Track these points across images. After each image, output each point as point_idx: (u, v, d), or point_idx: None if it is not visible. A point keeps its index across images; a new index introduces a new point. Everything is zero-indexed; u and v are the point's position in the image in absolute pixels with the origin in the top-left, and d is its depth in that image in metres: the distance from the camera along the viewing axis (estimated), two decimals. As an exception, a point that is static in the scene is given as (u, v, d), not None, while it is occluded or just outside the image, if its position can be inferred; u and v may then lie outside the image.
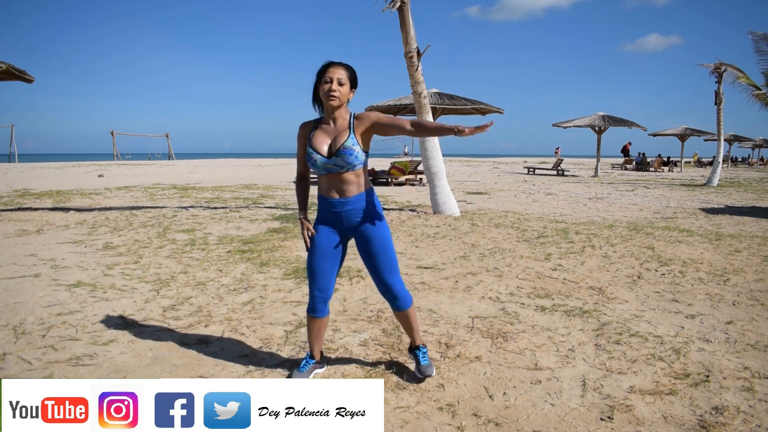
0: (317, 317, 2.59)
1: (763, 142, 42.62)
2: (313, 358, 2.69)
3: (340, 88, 2.38)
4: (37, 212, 8.54)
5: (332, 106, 2.41)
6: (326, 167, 2.43)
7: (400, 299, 2.57)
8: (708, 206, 11.04)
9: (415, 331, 2.70)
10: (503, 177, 21.26)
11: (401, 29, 8.16)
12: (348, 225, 2.50)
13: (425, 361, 2.67)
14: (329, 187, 2.48)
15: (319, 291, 2.54)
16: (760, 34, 14.72)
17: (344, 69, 2.41)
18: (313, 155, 2.42)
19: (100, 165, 27.08)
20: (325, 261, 2.51)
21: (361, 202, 2.48)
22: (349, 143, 2.39)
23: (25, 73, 8.42)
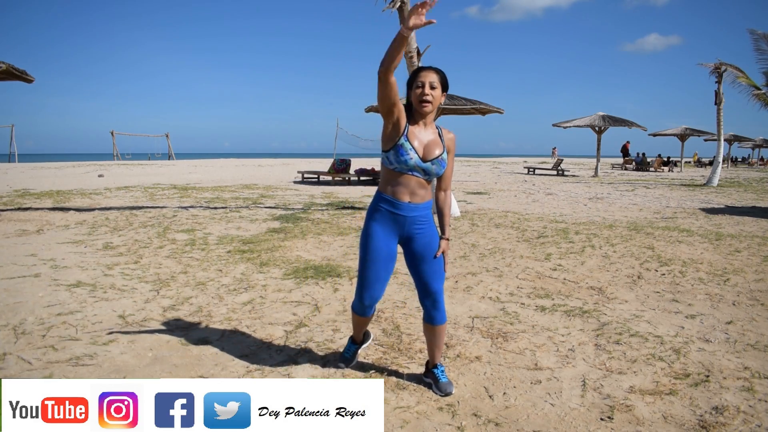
0: (366, 317, 2.68)
1: (763, 142, 42.61)
2: (356, 344, 2.84)
3: (433, 91, 2.35)
4: (37, 212, 8.54)
5: (426, 111, 2.37)
6: (415, 169, 2.37)
7: (441, 311, 2.54)
8: (708, 206, 11.04)
9: (439, 349, 2.63)
10: (503, 177, 21.26)
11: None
12: (408, 231, 2.46)
13: (444, 378, 2.60)
14: (403, 189, 2.40)
15: (371, 298, 2.52)
16: (760, 33, 14.70)
17: (435, 73, 2.38)
18: (410, 152, 2.34)
19: (100, 165, 27.08)
20: (386, 268, 2.49)
21: (427, 209, 2.48)
22: (444, 156, 2.40)
23: (25, 73, 8.42)
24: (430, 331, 2.58)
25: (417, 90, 2.36)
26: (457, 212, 8.67)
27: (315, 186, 15.35)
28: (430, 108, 2.37)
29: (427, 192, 2.46)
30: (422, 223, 2.46)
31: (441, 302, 2.52)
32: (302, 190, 13.57)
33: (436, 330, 2.56)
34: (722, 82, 17.17)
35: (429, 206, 2.49)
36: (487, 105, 16.59)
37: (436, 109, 2.42)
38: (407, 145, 2.34)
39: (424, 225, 2.47)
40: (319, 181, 16.96)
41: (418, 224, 2.45)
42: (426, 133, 2.41)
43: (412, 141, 2.35)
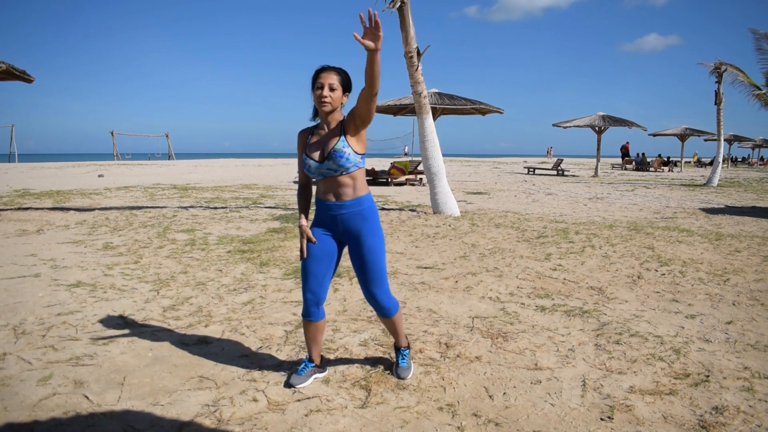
0: (312, 321, 2.56)
1: (763, 142, 42.61)
2: (312, 362, 2.66)
3: (332, 93, 2.38)
4: (37, 212, 8.53)
5: (324, 112, 2.41)
6: (321, 172, 2.42)
7: (385, 308, 2.58)
8: (708, 206, 11.04)
9: (398, 335, 2.73)
10: (503, 177, 21.25)
11: (401, 29, 8.16)
12: (343, 229, 2.49)
13: (404, 363, 2.70)
14: (326, 191, 2.47)
15: (311, 294, 2.51)
16: (761, 33, 14.68)
17: (336, 73, 2.39)
18: (307, 161, 2.44)
19: (100, 165, 27.08)
20: (318, 264, 2.49)
21: (358, 206, 2.46)
22: (339, 146, 2.37)
23: (25, 73, 8.42)
24: (384, 322, 2.70)
25: (317, 91, 2.38)
26: (457, 212, 8.67)
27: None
28: (329, 108, 2.39)
29: (351, 188, 2.44)
30: (355, 221, 2.45)
31: (383, 301, 2.55)
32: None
33: (387, 322, 2.67)
34: (722, 82, 17.17)
35: (358, 203, 2.45)
36: (487, 105, 16.60)
37: (338, 109, 2.43)
38: (305, 156, 2.45)
39: (357, 223, 2.45)
40: (319, 181, 16.92)
41: (349, 222, 2.46)
42: (328, 133, 2.43)
43: (309, 150, 2.44)
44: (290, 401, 2.44)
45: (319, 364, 2.69)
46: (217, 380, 2.64)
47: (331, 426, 2.24)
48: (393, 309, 2.60)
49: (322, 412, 2.34)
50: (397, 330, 2.71)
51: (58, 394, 2.46)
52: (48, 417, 2.26)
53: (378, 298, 2.53)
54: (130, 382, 2.61)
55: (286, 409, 2.37)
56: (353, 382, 2.63)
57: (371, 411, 2.36)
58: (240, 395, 2.49)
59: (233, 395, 2.48)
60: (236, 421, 2.27)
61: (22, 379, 2.60)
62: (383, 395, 2.50)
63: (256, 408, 2.38)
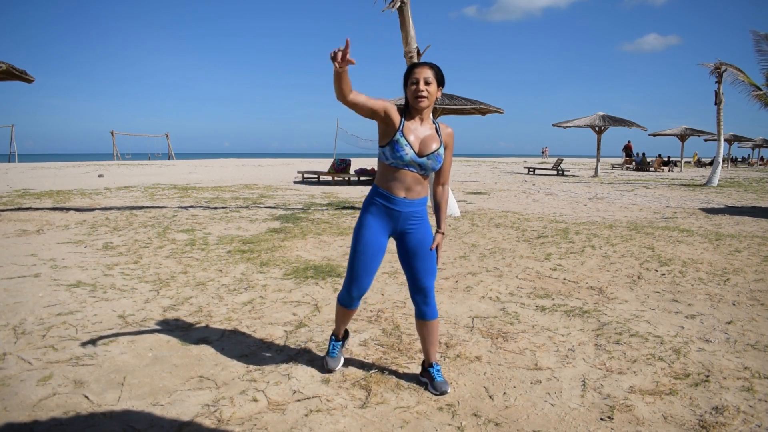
0: (351, 309, 2.67)
1: (763, 142, 42.60)
2: (339, 340, 2.82)
3: (428, 87, 2.36)
4: (37, 212, 8.53)
5: (421, 107, 2.38)
6: (411, 164, 2.38)
7: (432, 306, 2.55)
8: (708, 206, 11.04)
9: (434, 347, 2.62)
10: (503, 177, 21.26)
11: (401, 29, 8.16)
12: (402, 226, 2.47)
13: (440, 377, 2.59)
14: (399, 185, 2.41)
15: (358, 290, 2.54)
16: (762, 34, 14.73)
17: (430, 68, 2.39)
18: (405, 147, 2.34)
19: (100, 165, 27.08)
20: (374, 261, 2.50)
21: (422, 206, 2.48)
22: (441, 151, 2.41)
23: (25, 73, 8.42)
24: (423, 327, 2.58)
25: (412, 87, 2.37)
26: (457, 212, 8.67)
27: (315, 186, 15.35)
28: (426, 103, 2.38)
29: (423, 188, 2.46)
30: (416, 219, 2.47)
31: (432, 297, 2.54)
32: (302, 190, 13.57)
33: (429, 325, 2.57)
34: (722, 82, 17.17)
35: (424, 202, 2.49)
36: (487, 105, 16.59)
37: (432, 105, 2.43)
38: (403, 141, 2.35)
39: (418, 221, 2.48)
40: (319, 181, 16.96)
41: (412, 220, 2.46)
42: (422, 128, 2.42)
43: (407, 136, 2.36)
44: (290, 401, 2.44)
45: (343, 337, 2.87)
46: (217, 380, 2.64)
47: (331, 426, 2.24)
48: (436, 310, 2.59)
49: (322, 412, 2.34)
50: (434, 339, 2.60)
51: (58, 394, 2.46)
52: (48, 417, 2.26)
53: (431, 291, 2.53)
54: (130, 382, 2.61)
55: (286, 409, 2.37)
56: (353, 382, 2.63)
57: (371, 411, 2.36)
58: (240, 395, 2.49)
59: (233, 395, 2.48)
60: (236, 421, 2.27)
61: (22, 379, 2.60)
62: (383, 395, 2.50)
63: (256, 408, 2.38)
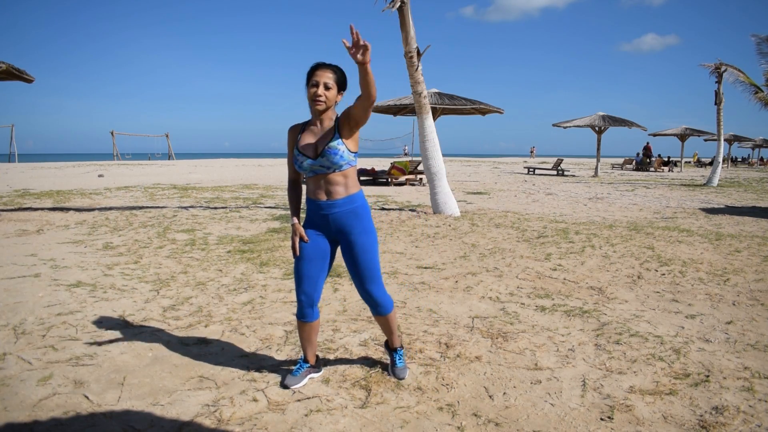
0: (306, 322, 2.56)
1: (763, 142, 42.61)
2: (307, 362, 2.65)
3: (327, 92, 2.35)
4: (37, 212, 8.53)
5: (318, 110, 2.39)
6: (313, 169, 2.40)
7: (381, 306, 2.57)
8: (708, 206, 11.04)
9: (393, 335, 2.71)
10: (503, 177, 21.25)
11: (401, 29, 8.16)
12: (335, 228, 2.47)
13: (401, 363, 2.68)
14: (316, 189, 2.44)
15: (305, 295, 2.51)
16: (762, 37, 14.82)
17: (332, 71, 2.37)
18: (299, 157, 2.41)
19: (100, 165, 27.08)
20: (311, 265, 2.48)
21: (349, 204, 2.44)
22: (333, 143, 2.36)
23: (24, 72, 8.42)
24: (378, 321, 2.68)
25: (311, 89, 2.35)
26: (457, 212, 8.67)
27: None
28: (322, 107, 2.38)
29: (343, 187, 2.42)
30: (346, 219, 2.43)
31: (378, 297, 2.54)
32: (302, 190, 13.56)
33: (382, 320, 2.65)
34: (722, 82, 17.18)
35: (351, 201, 2.43)
36: (487, 105, 16.59)
37: (332, 108, 2.42)
38: (296, 153, 2.42)
39: (349, 221, 2.44)
40: (319, 181, 16.93)
41: (342, 220, 2.44)
42: (321, 130, 2.42)
43: (302, 147, 2.40)
44: (290, 401, 2.44)
45: (315, 364, 2.68)
46: (217, 380, 2.64)
47: (331, 426, 2.24)
48: (389, 306, 2.60)
49: (322, 412, 2.34)
50: (392, 329, 2.69)
51: (58, 394, 2.46)
52: (48, 417, 2.26)
53: (374, 296, 2.53)
54: (130, 382, 2.61)
55: (286, 409, 2.37)
56: (353, 382, 2.63)
57: (371, 411, 2.36)
58: (240, 395, 2.49)
59: (233, 395, 2.48)
60: (236, 421, 2.27)
61: (22, 379, 2.60)
62: (383, 395, 2.50)
63: (256, 408, 2.38)
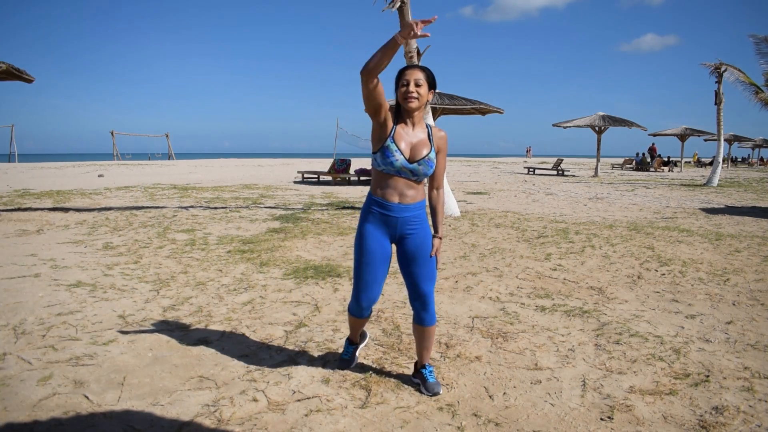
0: (362, 318, 2.66)
1: (763, 142, 42.61)
2: (354, 344, 2.83)
3: (418, 89, 2.34)
4: (37, 212, 8.53)
5: (411, 108, 2.36)
6: (402, 170, 2.37)
7: (431, 313, 2.53)
8: (708, 206, 11.04)
9: (427, 351, 2.63)
10: (503, 177, 21.26)
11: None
12: (401, 231, 2.45)
13: (432, 378, 2.60)
14: (392, 191, 2.40)
15: (368, 299, 2.52)
16: (761, 37, 14.84)
17: (421, 71, 2.38)
18: (395, 153, 2.33)
19: (100, 165, 27.08)
20: (380, 269, 2.48)
21: (419, 210, 2.46)
22: (432, 156, 2.39)
23: (25, 72, 8.42)
24: (420, 333, 2.57)
25: (402, 88, 2.36)
26: (457, 212, 8.67)
27: (315, 186, 15.35)
28: (416, 104, 2.36)
29: (417, 192, 2.44)
30: (414, 224, 2.45)
31: (431, 304, 2.51)
32: (302, 190, 13.57)
33: (426, 331, 2.56)
34: (722, 82, 17.18)
35: (421, 206, 2.47)
36: (487, 105, 16.58)
37: (423, 108, 2.42)
38: (393, 147, 2.34)
39: (416, 225, 2.46)
40: (319, 181, 16.97)
41: (409, 225, 2.45)
42: (414, 133, 2.40)
43: (398, 142, 2.35)
44: (290, 401, 2.44)
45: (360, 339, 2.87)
46: (217, 380, 2.64)
47: (331, 426, 2.24)
48: (434, 316, 2.57)
49: (322, 412, 2.34)
50: (429, 344, 2.60)
51: (58, 394, 2.46)
52: (48, 417, 2.26)
53: (430, 296, 2.50)
54: (130, 382, 2.61)
55: (286, 409, 2.37)
56: (353, 382, 2.63)
57: (371, 411, 2.36)
58: (240, 395, 2.49)
59: (233, 395, 2.48)
60: (236, 421, 2.27)
61: (22, 379, 2.60)
62: (383, 395, 2.50)
63: (256, 408, 2.38)
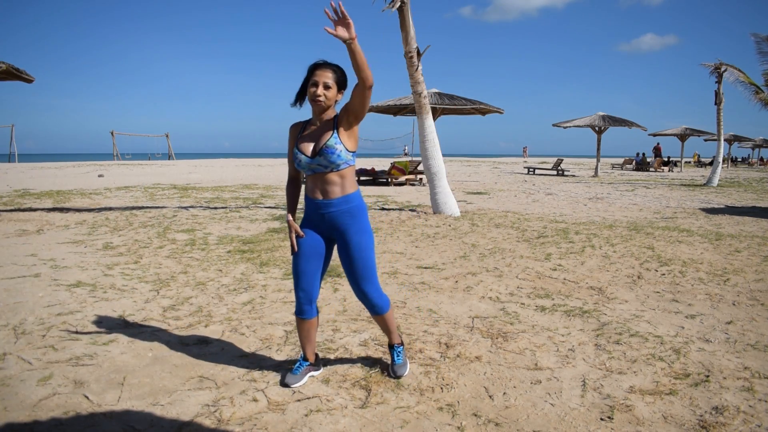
0: (304, 318, 2.58)
1: (763, 142, 42.62)
2: (307, 360, 2.66)
3: (326, 91, 2.37)
4: (37, 212, 8.53)
5: (317, 111, 2.42)
6: (311, 167, 2.41)
7: (377, 306, 2.58)
8: (708, 206, 11.04)
9: (391, 333, 2.72)
10: (503, 177, 21.25)
11: (401, 29, 8.16)
12: (331, 227, 2.48)
13: (399, 360, 2.68)
14: (314, 188, 2.46)
15: (303, 292, 2.53)
16: (762, 36, 14.84)
17: (331, 71, 2.38)
18: (298, 156, 2.42)
19: (100, 165, 27.08)
20: (308, 262, 2.50)
21: (345, 204, 2.45)
22: (331, 142, 2.37)
23: (25, 72, 8.42)
24: (376, 320, 2.68)
25: (311, 89, 2.37)
26: (457, 212, 8.67)
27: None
28: (322, 107, 2.40)
29: (339, 186, 2.43)
30: (343, 218, 2.45)
31: (374, 297, 2.55)
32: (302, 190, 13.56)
33: (379, 319, 2.66)
34: (722, 82, 17.17)
35: (347, 200, 2.44)
36: (487, 105, 16.59)
37: (332, 107, 2.43)
38: (296, 151, 2.43)
39: (344, 220, 2.45)
40: (319, 181, 16.93)
41: (338, 219, 2.45)
42: (319, 128, 2.44)
43: (301, 145, 2.42)
44: (290, 401, 2.44)
45: (314, 362, 2.69)
46: (217, 380, 2.64)
47: (331, 426, 2.24)
48: (385, 306, 2.60)
49: (322, 412, 2.34)
50: (389, 327, 2.70)
51: (58, 394, 2.46)
52: (48, 417, 2.26)
53: (369, 296, 2.54)
54: (130, 382, 2.61)
55: (286, 409, 2.37)
56: (353, 382, 2.63)
57: (371, 411, 2.36)
58: (240, 395, 2.49)
59: (233, 395, 2.48)
60: (236, 421, 2.27)
61: (22, 379, 2.60)
62: (383, 395, 2.50)
63: (256, 408, 2.38)
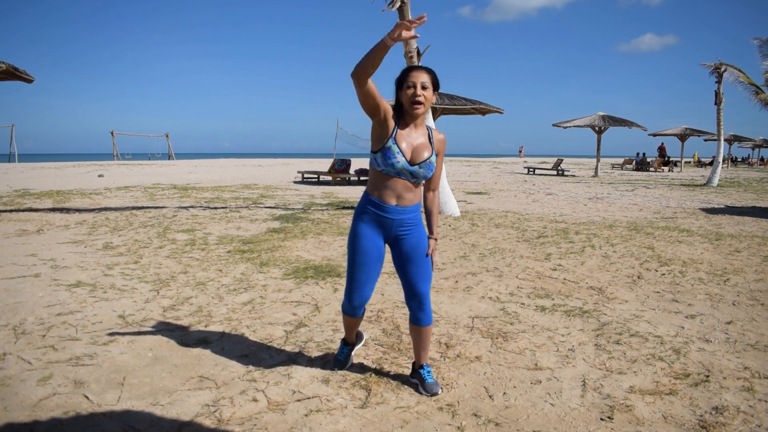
0: (357, 318, 2.67)
1: (763, 142, 42.61)
2: (348, 345, 2.82)
3: (425, 92, 2.29)
4: (37, 212, 8.53)
5: (417, 113, 2.32)
6: (402, 172, 2.33)
7: (428, 312, 2.52)
8: (708, 206, 11.04)
9: (425, 351, 2.61)
10: (503, 177, 21.26)
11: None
12: (396, 233, 2.45)
13: (431, 378, 2.59)
14: (390, 192, 2.37)
15: (360, 298, 2.52)
16: (764, 39, 14.93)
17: (427, 73, 2.33)
18: (397, 155, 2.29)
19: (100, 165, 27.07)
20: (374, 269, 2.48)
21: (415, 212, 2.45)
22: (433, 159, 2.38)
23: (25, 72, 8.42)
24: (416, 333, 2.56)
25: (408, 91, 2.29)
26: (457, 212, 8.68)
27: (315, 186, 15.35)
28: (422, 110, 2.32)
29: (415, 195, 2.43)
30: (409, 225, 2.45)
31: (427, 304, 2.51)
32: (302, 190, 13.57)
33: (422, 331, 2.54)
34: (722, 82, 17.18)
35: (417, 209, 2.46)
36: (486, 105, 16.58)
37: (428, 111, 2.40)
38: (395, 148, 2.29)
39: (411, 227, 2.45)
40: (319, 181, 16.96)
41: (404, 226, 2.44)
42: (416, 134, 2.37)
43: (399, 143, 2.30)
44: (290, 401, 2.44)
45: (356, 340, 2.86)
46: (217, 380, 2.64)
47: (331, 426, 2.24)
48: (431, 316, 2.56)
49: (322, 412, 2.34)
50: (426, 344, 2.60)
51: (58, 394, 2.46)
52: (48, 417, 2.26)
53: (426, 297, 2.49)
54: (130, 382, 2.61)
55: (286, 409, 2.37)
56: (353, 382, 2.63)
57: (371, 411, 2.36)
58: (240, 395, 2.49)
59: (233, 395, 2.48)
60: (236, 421, 2.27)
61: (22, 379, 2.60)
62: (383, 395, 2.50)
63: (256, 408, 2.38)
